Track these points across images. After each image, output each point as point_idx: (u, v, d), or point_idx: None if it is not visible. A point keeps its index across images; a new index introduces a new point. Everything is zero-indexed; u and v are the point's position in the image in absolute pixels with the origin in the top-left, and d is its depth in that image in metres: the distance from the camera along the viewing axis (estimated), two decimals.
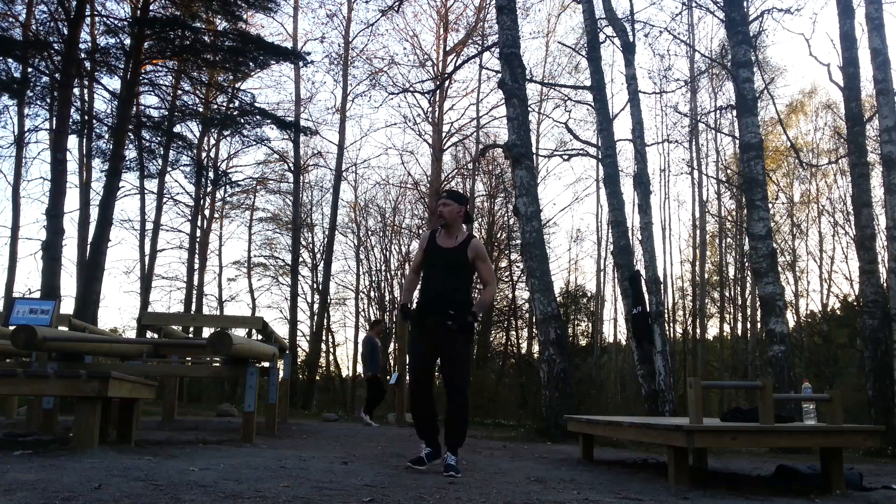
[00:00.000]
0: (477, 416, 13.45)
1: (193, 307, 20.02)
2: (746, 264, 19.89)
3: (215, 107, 18.38)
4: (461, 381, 3.99)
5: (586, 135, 18.20)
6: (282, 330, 20.97)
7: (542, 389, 8.53)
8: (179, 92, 17.44)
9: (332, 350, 24.54)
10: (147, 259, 19.41)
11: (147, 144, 17.13)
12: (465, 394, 4.02)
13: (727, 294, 24.12)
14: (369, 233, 23.83)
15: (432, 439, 4.04)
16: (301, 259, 21.94)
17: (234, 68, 16.12)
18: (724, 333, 24.94)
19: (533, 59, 35.20)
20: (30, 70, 13.79)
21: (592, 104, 11.69)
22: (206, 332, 12.41)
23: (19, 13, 14.50)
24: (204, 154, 20.45)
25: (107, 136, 15.58)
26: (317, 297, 22.56)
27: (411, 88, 17.98)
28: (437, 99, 20.64)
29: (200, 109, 18.25)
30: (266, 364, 6.41)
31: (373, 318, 20.70)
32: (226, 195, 22.72)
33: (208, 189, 20.93)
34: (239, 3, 14.48)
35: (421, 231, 19.73)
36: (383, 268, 23.09)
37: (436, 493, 3.11)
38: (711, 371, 22.86)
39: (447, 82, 19.93)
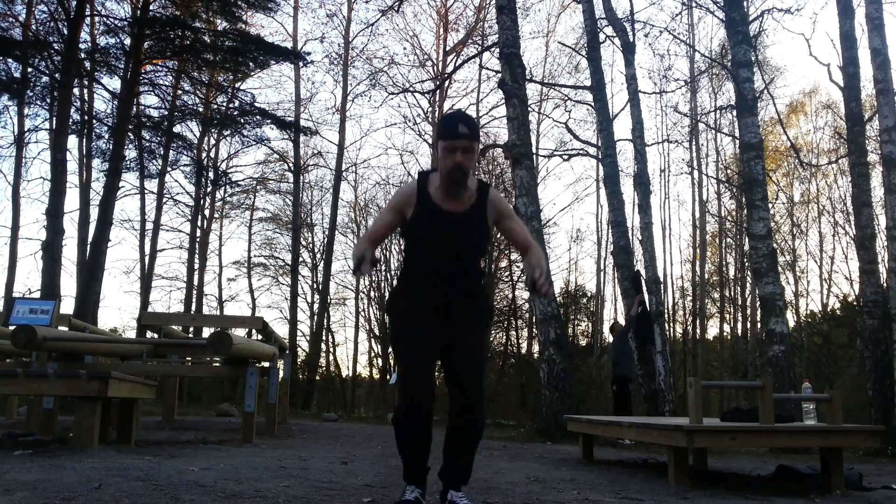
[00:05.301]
0: None
1: (193, 307, 20.03)
2: (746, 264, 19.89)
3: (215, 107, 18.38)
4: (481, 384, 2.63)
5: (586, 135, 18.23)
6: (282, 330, 20.99)
7: (542, 389, 8.53)
8: (179, 92, 17.44)
9: (332, 350, 24.55)
10: (147, 259, 19.44)
11: (147, 144, 17.13)
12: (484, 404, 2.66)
13: (727, 294, 24.14)
14: None
15: (424, 477, 2.64)
16: (301, 259, 21.97)
17: (234, 68, 16.13)
18: (724, 333, 24.96)
19: (533, 59, 35.18)
20: (30, 70, 13.80)
21: (592, 104, 11.70)
22: (206, 332, 12.42)
23: (19, 13, 14.53)
24: (204, 154, 20.46)
25: (107, 136, 15.59)
26: (317, 297, 22.56)
27: (411, 88, 18.00)
28: (437, 99, 20.63)
29: (200, 109, 18.26)
30: (266, 364, 6.41)
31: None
32: (226, 195, 22.75)
33: (208, 189, 20.93)
34: (239, 3, 14.49)
35: None
36: (383, 268, 23.08)
37: (436, 493, 3.10)
38: (711, 371, 22.86)
39: (447, 82, 19.93)
